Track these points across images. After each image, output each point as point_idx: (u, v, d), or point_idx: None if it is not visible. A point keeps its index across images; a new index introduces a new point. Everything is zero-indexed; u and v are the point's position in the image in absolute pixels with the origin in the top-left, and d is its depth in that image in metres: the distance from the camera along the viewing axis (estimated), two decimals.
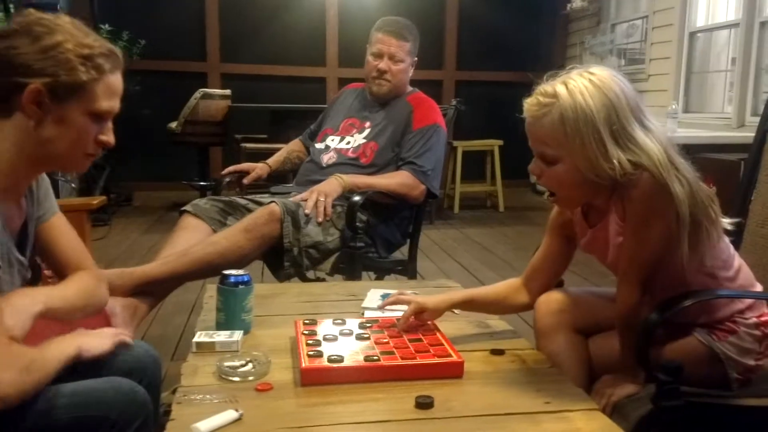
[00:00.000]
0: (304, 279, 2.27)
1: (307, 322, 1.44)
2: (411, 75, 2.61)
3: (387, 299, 1.59)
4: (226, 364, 1.23)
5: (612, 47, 6.30)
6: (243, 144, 5.49)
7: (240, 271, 1.46)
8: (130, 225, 4.96)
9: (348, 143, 2.55)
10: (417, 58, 2.61)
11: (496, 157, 6.03)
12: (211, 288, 1.59)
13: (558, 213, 1.55)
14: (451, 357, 1.27)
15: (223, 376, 1.21)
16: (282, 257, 2.20)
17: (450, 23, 7.14)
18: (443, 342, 1.33)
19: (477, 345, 1.41)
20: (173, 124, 5.51)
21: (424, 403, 1.12)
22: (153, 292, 2.01)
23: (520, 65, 7.27)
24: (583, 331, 1.50)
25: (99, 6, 5.06)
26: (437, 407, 1.12)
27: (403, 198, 2.43)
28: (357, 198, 2.25)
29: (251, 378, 1.21)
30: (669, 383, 1.25)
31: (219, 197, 2.42)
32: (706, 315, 1.41)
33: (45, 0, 3.41)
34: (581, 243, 1.49)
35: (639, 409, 1.30)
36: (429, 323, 1.44)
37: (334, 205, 2.30)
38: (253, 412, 1.09)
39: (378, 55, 2.53)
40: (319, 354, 1.26)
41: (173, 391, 1.30)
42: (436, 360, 1.26)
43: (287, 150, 2.79)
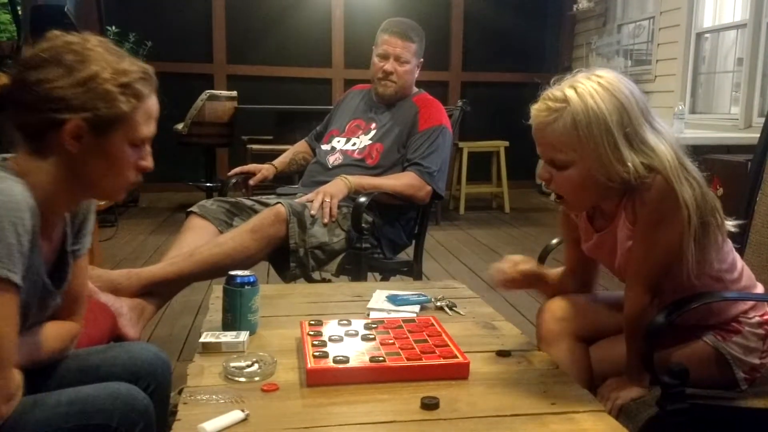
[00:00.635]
0: (309, 280, 2.27)
1: (313, 322, 1.44)
2: (417, 76, 2.61)
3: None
4: (232, 364, 1.23)
5: (618, 48, 6.29)
6: (249, 145, 5.51)
7: (246, 272, 1.46)
8: (137, 226, 4.98)
9: (354, 144, 2.55)
10: (423, 59, 2.61)
11: (501, 158, 6.03)
12: (218, 289, 1.59)
13: (564, 219, 1.55)
14: (457, 358, 1.27)
15: (229, 376, 1.22)
16: (288, 258, 2.20)
17: (456, 24, 7.14)
18: (449, 343, 1.33)
19: (483, 346, 1.41)
20: (180, 125, 5.52)
21: (429, 404, 1.12)
22: (160, 292, 2.02)
23: (526, 66, 7.28)
24: (586, 339, 1.50)
25: (106, 8, 5.07)
26: (443, 408, 1.12)
27: (409, 199, 2.43)
28: (363, 199, 2.25)
29: (257, 378, 1.21)
30: (674, 386, 1.25)
31: (225, 198, 2.43)
32: (711, 317, 1.41)
33: (53, 2, 3.42)
34: (586, 247, 1.49)
35: (645, 412, 1.29)
36: (435, 324, 1.44)
37: (339, 206, 2.30)
38: (259, 412, 1.09)
39: (384, 57, 2.53)
40: (325, 355, 1.26)
41: (179, 392, 1.30)
42: (441, 361, 1.26)
43: (293, 151, 2.79)
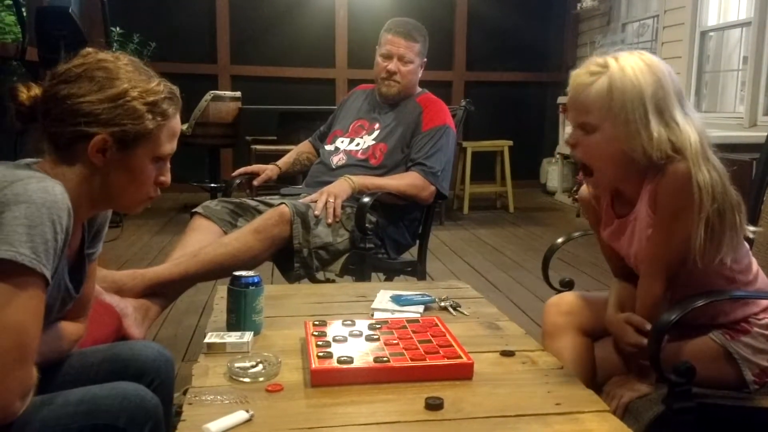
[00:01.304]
0: (313, 280, 2.27)
1: (317, 323, 1.44)
2: (420, 76, 2.61)
3: None
4: (236, 364, 1.23)
5: (622, 47, 6.27)
6: (253, 146, 5.51)
7: (250, 273, 1.47)
8: (141, 226, 4.99)
9: (357, 145, 2.55)
10: (426, 59, 2.61)
11: (505, 158, 6.02)
12: (222, 289, 1.59)
13: (589, 210, 1.55)
14: (461, 358, 1.27)
15: (234, 376, 1.22)
16: (292, 258, 2.20)
17: (459, 24, 7.13)
18: (453, 343, 1.33)
19: (487, 346, 1.41)
20: (184, 125, 5.53)
21: (434, 405, 1.11)
22: (164, 293, 2.02)
23: (529, 66, 7.27)
24: (591, 334, 1.49)
25: (110, 9, 5.08)
26: (447, 408, 1.12)
27: (413, 199, 2.43)
28: (366, 199, 2.25)
29: (262, 379, 1.21)
30: (681, 384, 1.25)
31: (229, 199, 2.43)
32: (721, 316, 1.40)
33: (57, 3, 3.43)
34: (605, 232, 1.49)
35: (650, 411, 1.29)
36: (439, 325, 1.44)
37: (343, 207, 2.31)
38: (264, 412, 1.09)
39: (387, 57, 2.53)
40: (329, 355, 1.26)
41: (184, 392, 1.31)
42: (446, 361, 1.26)
43: (297, 151, 2.79)
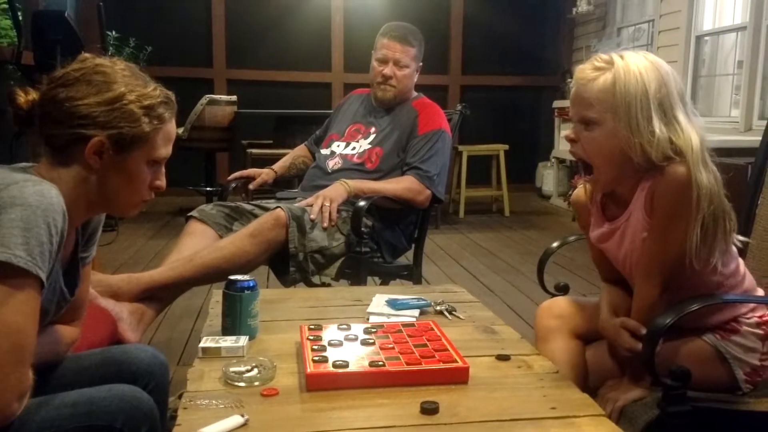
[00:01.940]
0: (309, 284, 2.27)
1: (313, 327, 1.44)
2: (416, 80, 2.62)
3: None
4: (231, 369, 1.23)
5: (619, 51, 6.29)
6: (249, 149, 5.51)
7: (246, 277, 1.46)
8: (137, 230, 4.98)
9: (353, 149, 2.55)
10: (422, 63, 2.61)
11: (501, 162, 6.03)
12: (218, 293, 1.59)
13: (580, 213, 1.55)
14: (457, 362, 1.27)
15: (229, 381, 1.21)
16: (287, 262, 2.20)
17: (455, 28, 7.15)
18: (448, 347, 1.33)
19: (482, 350, 1.41)
20: (180, 129, 5.52)
21: (429, 409, 1.11)
22: (160, 297, 2.02)
23: (525, 70, 7.29)
24: (583, 338, 1.50)
25: (106, 13, 5.08)
26: (442, 413, 1.12)
27: (409, 203, 2.43)
28: (362, 203, 2.25)
29: (257, 383, 1.21)
30: (676, 388, 1.25)
31: (225, 203, 2.43)
32: (711, 318, 1.41)
33: (52, 8, 3.43)
34: (593, 234, 1.48)
35: (645, 415, 1.29)
36: (434, 329, 1.44)
37: (339, 211, 2.31)
38: (259, 417, 1.09)
39: (383, 61, 2.53)
40: (325, 359, 1.26)
41: (179, 396, 1.30)
42: (441, 365, 1.26)
43: (293, 155, 2.80)
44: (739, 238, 1.42)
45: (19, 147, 3.08)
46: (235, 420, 1.06)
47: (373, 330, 1.43)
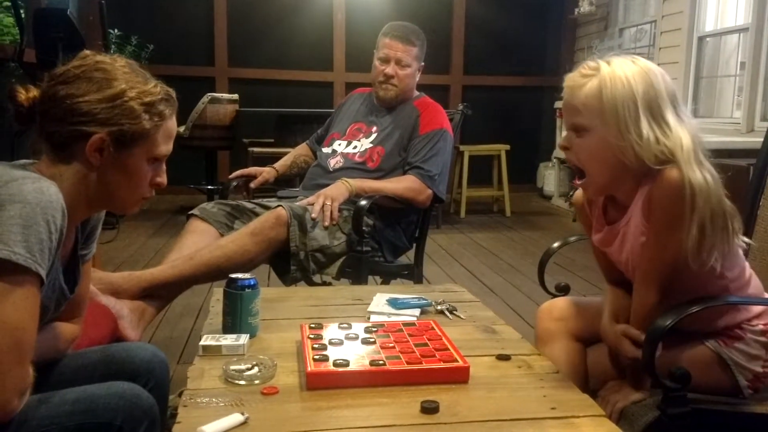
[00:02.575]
0: (310, 283, 2.27)
1: (313, 326, 1.44)
2: (418, 80, 2.62)
3: None
4: (232, 367, 1.23)
5: (620, 52, 6.27)
6: (250, 148, 5.51)
7: (247, 275, 1.46)
8: (137, 228, 4.98)
9: (355, 148, 2.55)
10: (424, 62, 2.61)
11: (502, 162, 6.03)
12: (218, 291, 1.59)
13: (582, 216, 1.55)
14: (457, 362, 1.27)
15: (230, 379, 1.21)
16: (288, 261, 2.20)
17: (457, 28, 7.15)
18: (449, 347, 1.33)
19: (483, 350, 1.41)
20: (181, 128, 5.53)
21: (429, 408, 1.11)
22: (160, 295, 2.02)
23: (527, 70, 7.29)
24: (584, 340, 1.49)
25: (108, 11, 5.08)
26: (443, 412, 1.12)
27: (410, 202, 2.43)
28: (363, 202, 2.25)
29: (257, 381, 1.21)
30: (676, 390, 1.25)
31: (226, 201, 2.43)
32: (716, 323, 1.40)
33: (55, 6, 3.43)
34: (595, 238, 1.48)
35: (645, 416, 1.29)
36: (435, 328, 1.44)
37: (340, 210, 2.30)
38: (259, 415, 1.09)
39: (385, 60, 2.53)
40: (325, 358, 1.26)
41: (179, 394, 1.30)
42: (441, 365, 1.26)
43: (294, 154, 2.80)
44: (744, 239, 1.40)
45: (21, 144, 3.08)
46: (235, 418, 1.06)
47: (374, 329, 1.43)
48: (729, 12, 5.19)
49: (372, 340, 1.37)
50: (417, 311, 1.64)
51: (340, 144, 2.59)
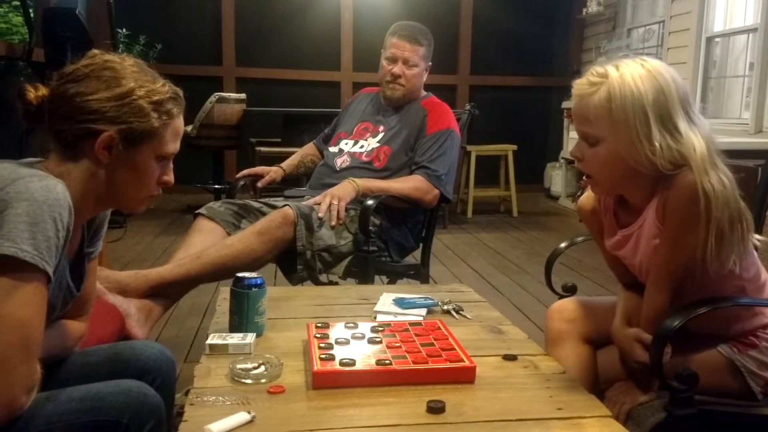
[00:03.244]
0: (316, 282, 2.27)
1: (320, 325, 1.44)
2: (425, 79, 2.61)
3: None
4: (238, 366, 1.23)
5: (628, 52, 6.27)
6: (257, 147, 5.52)
7: (253, 274, 1.47)
8: (145, 227, 5.00)
9: (362, 147, 2.55)
10: (431, 62, 2.61)
11: (509, 162, 6.02)
12: (225, 290, 1.59)
13: (588, 218, 1.54)
14: (463, 362, 1.27)
15: (236, 378, 1.22)
16: (295, 260, 2.20)
17: (464, 28, 7.14)
18: (455, 347, 1.33)
19: (489, 350, 1.41)
20: (188, 127, 5.54)
21: (435, 408, 1.11)
22: (167, 294, 2.03)
23: (534, 70, 7.27)
24: (594, 342, 1.49)
25: (117, 10, 5.10)
26: (449, 412, 1.12)
27: (417, 202, 2.43)
28: (370, 202, 2.25)
29: (263, 380, 1.21)
30: (683, 391, 1.24)
31: (233, 200, 2.43)
32: (730, 328, 1.39)
33: (64, 5, 3.45)
34: (608, 243, 1.47)
35: (652, 417, 1.29)
36: (441, 328, 1.44)
37: (347, 209, 2.31)
38: (266, 414, 1.09)
39: (392, 60, 2.53)
40: (331, 357, 1.26)
41: (186, 393, 1.31)
42: (448, 365, 1.26)
43: (301, 154, 2.80)
44: (758, 237, 1.39)
45: (29, 143, 3.10)
46: (242, 417, 1.06)
47: (380, 329, 1.44)
48: (738, 12, 5.16)
49: (378, 339, 1.37)
50: (423, 311, 1.64)
51: (347, 143, 2.59)
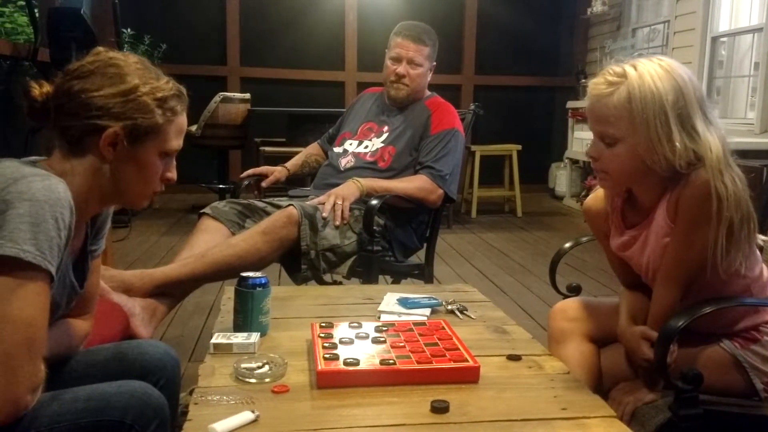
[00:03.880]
0: (321, 282, 2.27)
1: (324, 325, 1.44)
2: (429, 79, 2.61)
3: None
4: (243, 365, 1.24)
5: (633, 52, 6.25)
6: (262, 147, 5.53)
7: (258, 274, 1.47)
8: (150, 227, 5.01)
9: (366, 147, 2.55)
10: (435, 62, 2.61)
11: (514, 162, 6.01)
12: (229, 290, 1.60)
13: (592, 219, 1.53)
14: (468, 362, 1.26)
15: (240, 377, 1.22)
16: (299, 260, 2.20)
17: (469, 27, 7.13)
18: (459, 346, 1.33)
19: (493, 350, 1.41)
20: (193, 127, 5.55)
21: (439, 408, 1.11)
22: (172, 293, 2.03)
23: (539, 70, 7.27)
24: (598, 341, 1.48)
25: (121, 10, 5.11)
26: (453, 412, 1.12)
27: (421, 202, 2.43)
28: (374, 202, 2.25)
29: (268, 380, 1.21)
30: (687, 391, 1.24)
31: (237, 200, 2.44)
32: (734, 325, 1.39)
33: (69, 5, 3.46)
34: (614, 243, 1.47)
35: (657, 417, 1.28)
36: (445, 328, 1.44)
37: (351, 209, 2.31)
38: (270, 413, 1.09)
39: (396, 60, 2.53)
40: (335, 357, 1.26)
41: (190, 392, 1.31)
42: (452, 364, 1.26)
43: (305, 153, 2.80)
44: (762, 237, 1.39)
45: (34, 143, 3.11)
46: (246, 416, 1.06)
47: (384, 328, 1.44)
48: (743, 12, 5.14)
49: (382, 339, 1.37)
50: (427, 311, 1.64)
51: (351, 143, 2.59)
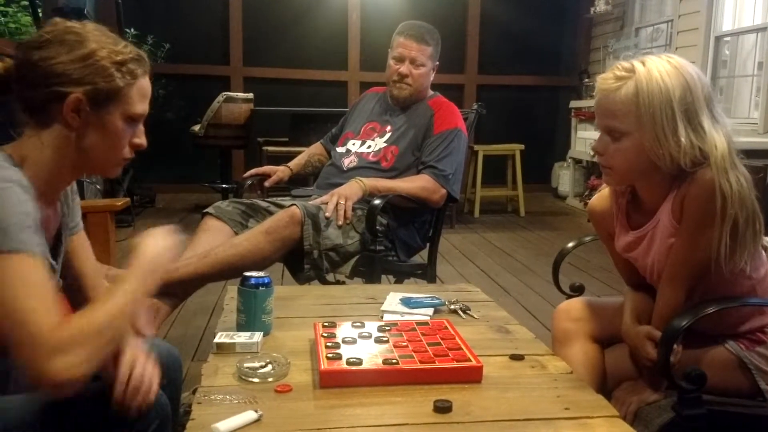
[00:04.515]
0: (323, 282, 2.27)
1: (327, 324, 1.44)
2: (432, 79, 2.61)
3: None
4: (246, 365, 1.24)
5: (636, 51, 6.24)
6: (265, 147, 5.53)
7: (261, 273, 1.47)
8: (152, 226, 5.00)
9: (369, 147, 2.55)
10: (438, 62, 2.61)
11: (517, 162, 6.01)
12: (232, 290, 1.60)
13: (597, 219, 1.53)
14: (470, 361, 1.26)
15: (243, 377, 1.22)
16: (302, 260, 2.21)
17: (472, 27, 7.13)
18: (462, 346, 1.33)
19: (496, 350, 1.40)
20: (196, 127, 5.56)
21: (442, 407, 1.11)
22: (175, 293, 2.03)
23: (542, 69, 7.26)
24: (602, 341, 1.48)
25: (125, 10, 5.12)
26: (455, 412, 1.12)
27: (424, 202, 2.43)
28: (377, 201, 2.25)
29: (271, 379, 1.21)
30: (691, 391, 1.24)
31: (240, 200, 2.44)
32: (736, 325, 1.38)
33: (72, 5, 3.46)
34: (619, 243, 1.47)
35: (660, 417, 1.28)
36: (448, 327, 1.44)
37: (354, 209, 2.31)
38: (272, 413, 1.09)
39: (399, 59, 2.53)
40: (338, 356, 1.26)
41: (193, 392, 1.31)
42: (455, 364, 1.25)
43: (308, 153, 2.80)
44: (767, 238, 1.39)
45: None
46: (249, 415, 1.06)
47: (387, 328, 1.44)
48: (746, 11, 5.13)
49: (385, 338, 1.37)
50: (430, 310, 1.64)
51: (354, 143, 2.59)
